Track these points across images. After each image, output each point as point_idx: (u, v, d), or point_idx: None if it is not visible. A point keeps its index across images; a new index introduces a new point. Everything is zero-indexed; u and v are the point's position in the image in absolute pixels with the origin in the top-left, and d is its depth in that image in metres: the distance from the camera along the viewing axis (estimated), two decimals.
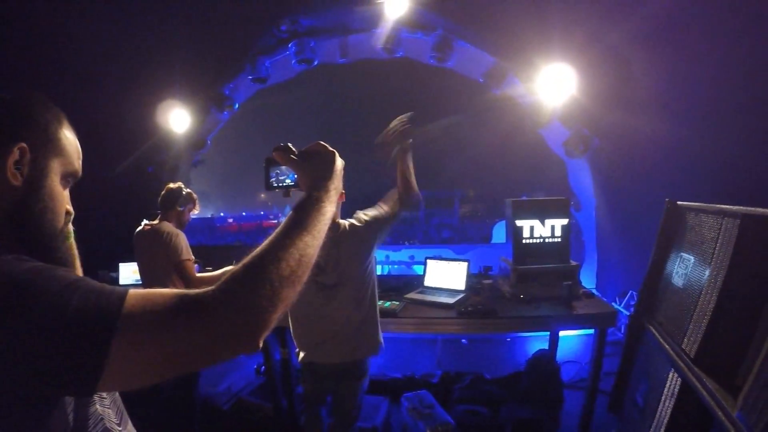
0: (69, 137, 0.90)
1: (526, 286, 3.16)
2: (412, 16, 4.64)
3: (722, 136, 3.06)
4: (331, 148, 1.08)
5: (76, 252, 1.04)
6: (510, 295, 3.15)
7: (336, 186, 1.02)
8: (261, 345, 0.73)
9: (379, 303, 2.97)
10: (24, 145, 0.80)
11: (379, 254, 5.43)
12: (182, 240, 2.98)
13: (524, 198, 3.57)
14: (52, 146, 0.86)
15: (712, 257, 1.88)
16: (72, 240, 0.98)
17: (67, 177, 0.91)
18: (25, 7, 4.72)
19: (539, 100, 4.51)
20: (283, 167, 1.19)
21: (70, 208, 0.93)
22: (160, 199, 3.15)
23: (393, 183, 2.51)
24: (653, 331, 2.37)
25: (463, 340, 4.51)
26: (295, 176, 1.16)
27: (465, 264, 3.26)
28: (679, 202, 2.29)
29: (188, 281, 2.92)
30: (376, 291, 2.44)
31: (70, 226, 0.94)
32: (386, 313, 2.87)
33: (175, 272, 2.93)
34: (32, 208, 0.82)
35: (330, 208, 0.95)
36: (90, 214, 4.74)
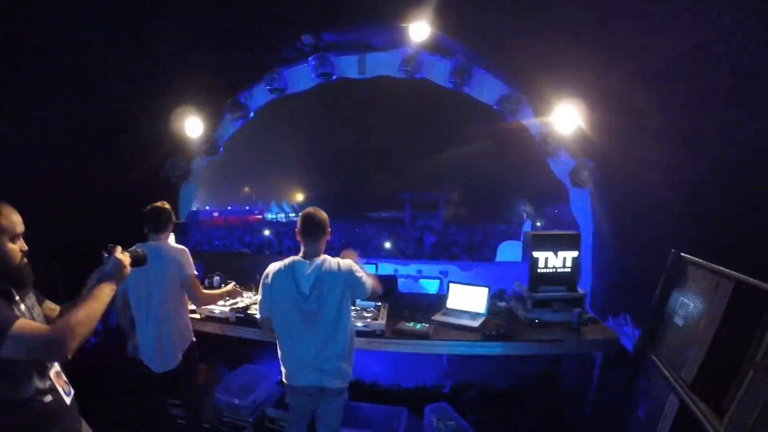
0: (8, 217, 1.82)
1: (540, 311, 3.73)
2: (433, 41, 5.11)
3: (720, 183, 3.53)
4: (121, 257, 2.07)
5: (29, 271, 1.95)
6: (526, 319, 3.72)
7: (112, 282, 1.98)
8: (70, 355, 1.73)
9: (410, 325, 3.51)
10: None
11: (387, 268, 5.98)
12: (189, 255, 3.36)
13: (536, 230, 4.13)
14: None
15: (708, 308, 2.46)
16: (26, 264, 1.93)
17: (13, 237, 1.84)
18: (41, 13, 4.95)
19: (549, 131, 5.05)
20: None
21: (23, 247, 1.90)
22: (153, 217, 3.41)
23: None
24: (655, 359, 2.96)
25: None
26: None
27: (486, 290, 3.83)
28: (682, 254, 2.87)
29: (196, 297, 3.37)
30: (354, 335, 2.90)
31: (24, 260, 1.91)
32: (419, 335, 3.39)
33: (184, 288, 3.30)
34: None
35: (106, 290, 1.93)
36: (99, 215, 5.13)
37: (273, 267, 2.78)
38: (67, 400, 1.99)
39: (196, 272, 3.34)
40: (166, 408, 3.80)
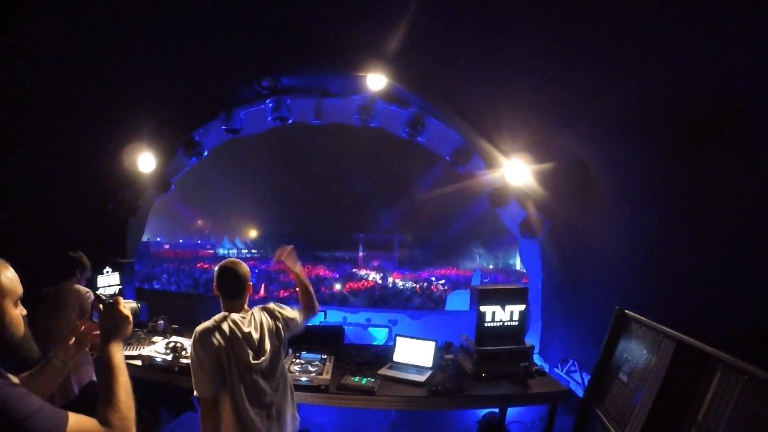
0: (9, 277, 1.43)
1: (487, 365, 3.65)
2: (389, 90, 5.14)
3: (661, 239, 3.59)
4: (127, 313, 1.66)
5: (29, 334, 1.53)
6: (472, 372, 3.63)
7: (121, 342, 1.63)
8: None
9: (355, 380, 3.36)
10: None
11: (336, 315, 5.82)
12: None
13: (486, 281, 4.10)
14: (1, 294, 1.39)
15: (652, 366, 2.44)
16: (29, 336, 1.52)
17: (16, 301, 1.45)
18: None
19: (500, 183, 5.11)
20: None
21: (23, 312, 1.50)
22: (66, 263, 3.64)
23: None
24: (601, 415, 2.91)
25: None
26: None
27: (432, 343, 3.74)
28: (626, 311, 2.88)
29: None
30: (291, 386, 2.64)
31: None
32: (365, 391, 3.24)
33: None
34: (3, 334, 1.39)
35: (119, 354, 1.58)
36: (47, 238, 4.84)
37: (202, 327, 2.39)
38: None
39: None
40: None
